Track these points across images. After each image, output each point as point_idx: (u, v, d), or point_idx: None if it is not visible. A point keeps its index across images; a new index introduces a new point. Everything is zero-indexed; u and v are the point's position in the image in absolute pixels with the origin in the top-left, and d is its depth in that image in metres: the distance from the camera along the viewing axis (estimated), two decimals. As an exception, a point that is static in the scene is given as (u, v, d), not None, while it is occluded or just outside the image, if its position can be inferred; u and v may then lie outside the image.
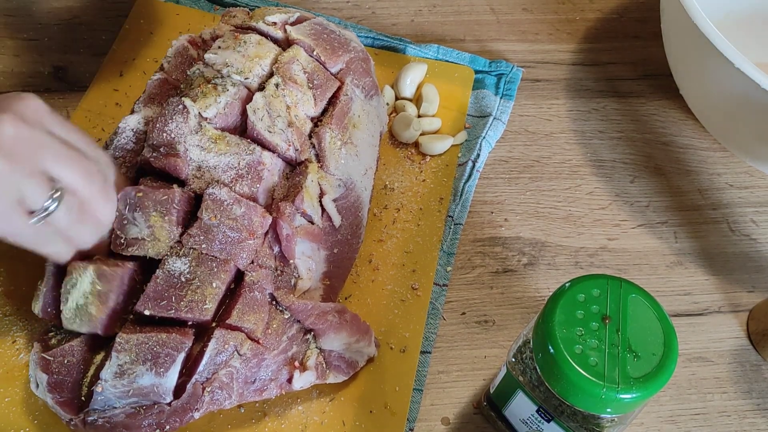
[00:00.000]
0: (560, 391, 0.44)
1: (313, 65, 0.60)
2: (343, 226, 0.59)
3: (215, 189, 0.52)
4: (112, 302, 0.50)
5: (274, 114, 0.56)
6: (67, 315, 0.50)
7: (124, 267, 0.51)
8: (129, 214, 0.51)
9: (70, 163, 0.49)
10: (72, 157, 0.49)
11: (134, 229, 0.51)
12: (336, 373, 0.55)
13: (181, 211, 0.52)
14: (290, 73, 0.57)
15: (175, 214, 0.51)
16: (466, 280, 0.65)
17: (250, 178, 0.54)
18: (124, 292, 0.51)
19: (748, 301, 0.65)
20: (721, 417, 0.60)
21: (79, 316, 0.50)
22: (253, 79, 0.57)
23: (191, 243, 0.51)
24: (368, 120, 0.63)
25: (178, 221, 0.51)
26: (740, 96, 0.61)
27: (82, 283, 0.50)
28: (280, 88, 0.57)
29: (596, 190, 0.71)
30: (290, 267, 0.54)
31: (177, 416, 0.49)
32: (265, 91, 0.56)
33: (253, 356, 0.51)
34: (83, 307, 0.50)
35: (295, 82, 0.57)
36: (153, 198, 0.51)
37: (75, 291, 0.50)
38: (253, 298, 0.51)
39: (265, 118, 0.55)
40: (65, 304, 0.51)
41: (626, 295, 0.45)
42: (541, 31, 0.82)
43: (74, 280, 0.51)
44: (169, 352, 0.49)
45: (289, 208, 0.53)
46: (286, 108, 0.57)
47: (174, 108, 0.54)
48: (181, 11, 0.78)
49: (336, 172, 0.58)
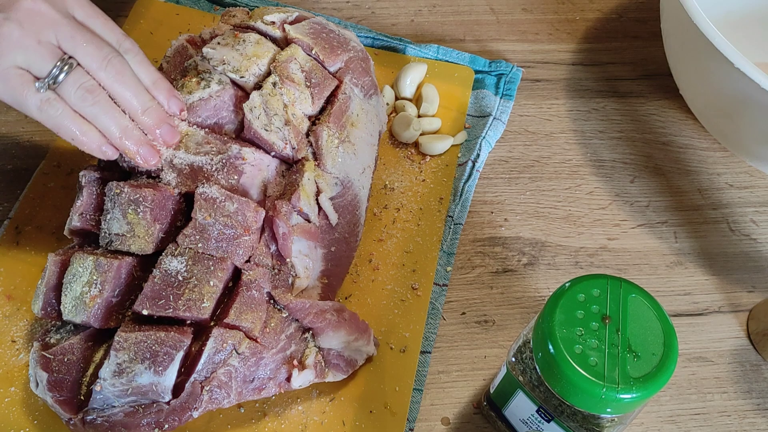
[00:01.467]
0: (560, 391, 0.44)
1: (311, 64, 0.60)
2: (341, 225, 0.59)
3: (206, 187, 0.52)
4: (108, 293, 0.50)
5: (271, 112, 0.56)
6: (67, 306, 0.51)
7: (122, 260, 0.51)
8: (111, 209, 0.52)
9: (83, 42, 0.50)
10: (87, 38, 0.50)
11: (116, 225, 0.52)
12: (335, 371, 0.55)
13: (157, 209, 0.52)
14: (288, 71, 0.58)
15: (149, 213, 0.51)
16: (466, 280, 0.65)
17: (226, 172, 0.54)
18: (121, 285, 0.51)
19: (748, 301, 0.65)
20: (721, 417, 0.60)
21: (76, 306, 0.50)
22: (250, 77, 0.57)
23: (187, 243, 0.51)
24: (367, 119, 0.63)
25: (154, 218, 0.51)
26: (740, 96, 0.61)
27: (82, 274, 0.51)
28: (278, 86, 0.57)
29: (596, 190, 0.71)
30: (287, 266, 0.54)
31: (176, 415, 0.49)
32: (262, 90, 0.56)
33: (251, 355, 0.51)
34: (80, 297, 0.50)
35: (292, 80, 0.57)
36: (128, 196, 0.51)
37: (75, 282, 0.51)
38: (250, 296, 0.51)
39: (261, 116, 0.55)
40: (66, 296, 0.51)
41: (626, 295, 0.45)
42: (541, 31, 0.82)
43: (74, 270, 0.51)
44: (167, 350, 0.49)
45: (285, 207, 0.53)
46: (284, 106, 0.57)
47: None
48: (181, 11, 0.78)
49: (333, 171, 0.58)
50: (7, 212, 0.65)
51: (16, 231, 0.63)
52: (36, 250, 0.62)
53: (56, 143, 0.68)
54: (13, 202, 0.65)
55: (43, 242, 0.62)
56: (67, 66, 0.49)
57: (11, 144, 0.69)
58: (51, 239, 0.63)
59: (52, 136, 0.69)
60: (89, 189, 0.54)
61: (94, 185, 0.54)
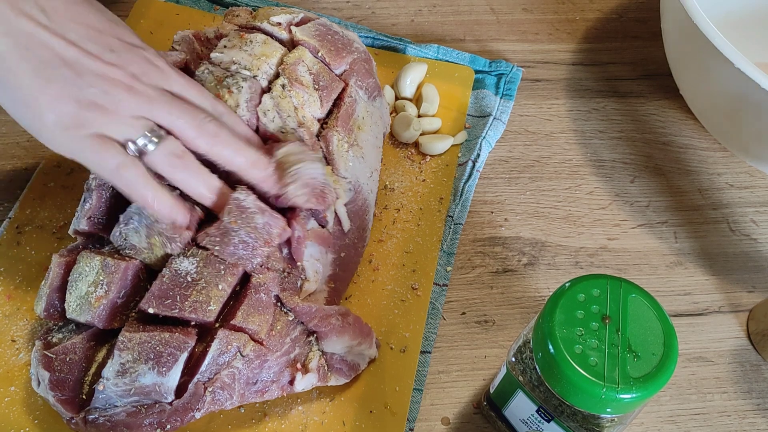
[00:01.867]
0: (560, 391, 0.44)
1: (318, 66, 0.59)
2: (352, 230, 0.59)
3: (242, 195, 0.51)
4: (113, 294, 0.50)
5: (284, 115, 0.56)
6: (72, 304, 0.51)
7: (130, 261, 0.51)
8: (136, 221, 0.51)
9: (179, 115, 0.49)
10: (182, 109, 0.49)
11: (135, 238, 0.51)
12: (337, 375, 0.55)
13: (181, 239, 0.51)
14: (296, 74, 0.57)
15: (177, 248, 0.51)
16: (466, 280, 0.65)
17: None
18: (127, 287, 0.51)
19: (748, 301, 0.65)
20: (721, 417, 0.60)
21: (81, 305, 0.50)
22: (262, 77, 0.57)
23: (206, 242, 0.50)
24: (372, 121, 0.63)
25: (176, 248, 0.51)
26: (740, 96, 0.61)
27: (89, 274, 0.51)
28: (287, 89, 0.56)
29: (596, 190, 0.71)
30: (298, 269, 0.54)
31: (178, 416, 0.49)
32: (272, 92, 0.56)
33: (255, 357, 0.51)
34: (85, 296, 0.50)
35: (301, 83, 0.57)
36: (159, 227, 0.51)
37: (81, 280, 0.51)
38: (258, 299, 0.51)
39: (276, 119, 0.55)
40: (71, 294, 0.51)
41: (626, 295, 0.45)
42: (541, 31, 0.82)
43: (81, 269, 0.51)
44: (171, 351, 0.49)
45: (304, 211, 0.53)
46: (294, 109, 0.56)
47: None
48: (181, 11, 0.78)
49: (346, 175, 0.58)
50: (7, 212, 0.65)
51: (17, 231, 0.63)
52: (36, 250, 0.62)
53: (56, 143, 0.68)
54: (13, 202, 0.65)
55: (44, 242, 0.62)
56: (158, 137, 0.48)
57: (11, 144, 0.69)
58: (51, 239, 0.63)
59: (52, 136, 0.69)
60: (99, 192, 0.54)
61: (104, 189, 0.54)
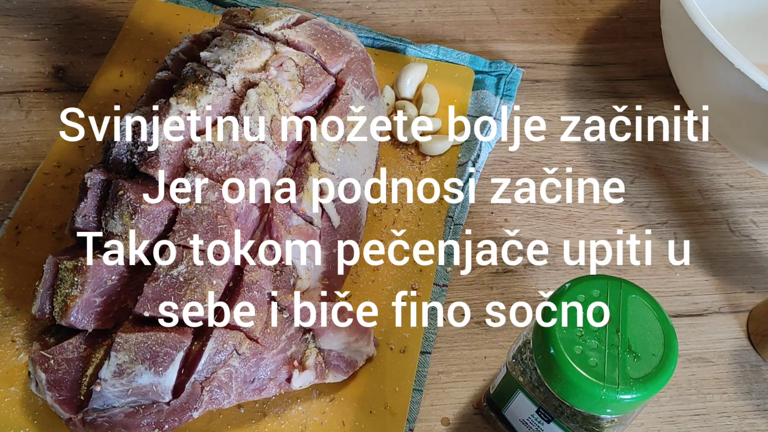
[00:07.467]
0: (560, 392, 0.44)
1: (306, 63, 0.60)
2: (342, 226, 0.59)
3: (188, 178, 0.52)
4: (88, 293, 0.51)
5: (268, 112, 0.56)
6: (56, 308, 0.51)
7: (98, 259, 0.51)
8: (111, 207, 0.52)
9: None
10: None
11: (112, 223, 0.52)
12: (335, 372, 0.55)
13: (150, 220, 0.52)
14: (282, 70, 0.58)
15: (142, 223, 0.51)
16: (466, 280, 0.65)
17: (245, 170, 0.54)
18: (103, 285, 0.51)
19: (748, 301, 0.65)
20: (721, 418, 0.60)
21: (61, 309, 0.51)
22: (244, 75, 0.57)
23: (177, 239, 0.51)
24: (367, 120, 0.63)
25: (147, 231, 0.51)
26: (740, 96, 0.61)
27: (66, 279, 0.51)
28: (273, 85, 0.57)
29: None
30: (289, 267, 0.54)
31: (176, 415, 0.49)
32: (257, 89, 0.56)
33: (252, 355, 0.51)
34: (63, 300, 0.51)
35: (286, 80, 0.57)
36: (126, 199, 0.52)
37: (61, 286, 0.51)
38: (252, 297, 0.51)
39: (255, 114, 0.55)
40: (55, 299, 0.51)
41: (626, 296, 0.45)
42: (541, 32, 0.82)
43: (61, 275, 0.52)
44: (167, 351, 0.49)
45: (283, 208, 0.53)
46: (278, 106, 0.57)
47: (160, 109, 0.54)
48: (181, 11, 0.78)
49: (332, 171, 0.58)
50: (7, 212, 0.65)
51: (16, 231, 0.63)
52: (36, 250, 0.62)
53: (56, 143, 0.68)
54: (13, 202, 0.65)
55: (43, 242, 0.62)
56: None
57: (11, 144, 0.69)
58: (51, 239, 0.63)
59: (52, 136, 0.69)
60: (93, 191, 0.54)
61: (98, 188, 0.54)
